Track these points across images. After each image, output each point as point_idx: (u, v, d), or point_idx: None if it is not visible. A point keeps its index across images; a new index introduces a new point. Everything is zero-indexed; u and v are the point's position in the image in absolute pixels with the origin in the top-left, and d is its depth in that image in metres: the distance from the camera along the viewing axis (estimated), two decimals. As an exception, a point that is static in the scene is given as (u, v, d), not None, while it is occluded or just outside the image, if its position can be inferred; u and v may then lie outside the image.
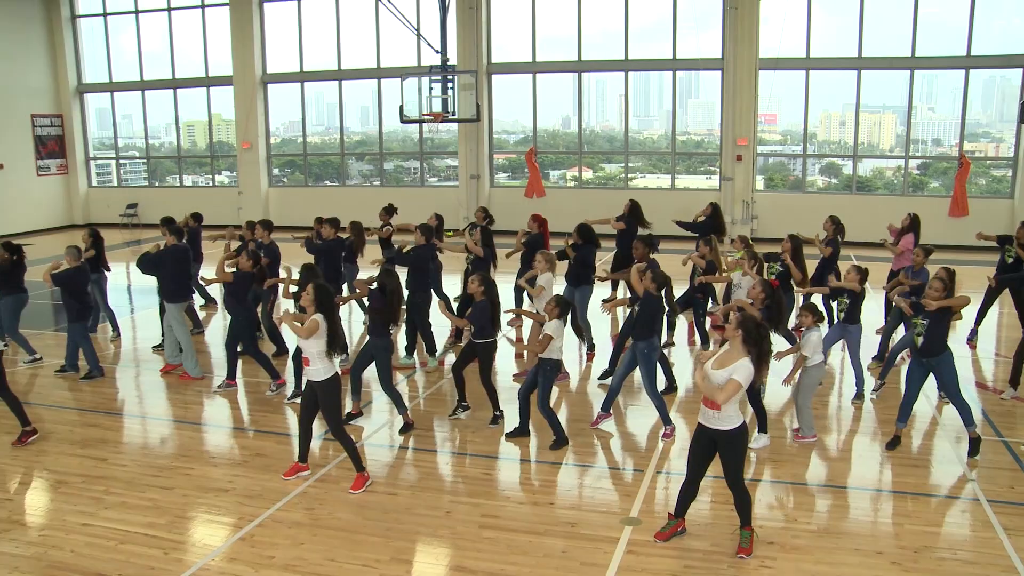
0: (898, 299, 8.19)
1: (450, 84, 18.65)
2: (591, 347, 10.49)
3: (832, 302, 9.79)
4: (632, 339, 7.87)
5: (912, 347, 9.19)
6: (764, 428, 7.54)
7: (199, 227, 12.66)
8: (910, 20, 18.55)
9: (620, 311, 11.74)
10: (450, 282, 12.17)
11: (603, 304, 8.42)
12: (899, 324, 9.87)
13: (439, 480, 7.07)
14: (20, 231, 21.31)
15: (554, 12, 21.07)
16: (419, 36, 20.25)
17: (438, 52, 19.05)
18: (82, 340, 9.65)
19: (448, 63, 19.03)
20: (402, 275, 8.45)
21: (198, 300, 12.70)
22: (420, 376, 9.90)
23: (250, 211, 20.62)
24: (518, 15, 21.20)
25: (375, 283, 8.04)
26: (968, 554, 5.67)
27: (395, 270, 8.17)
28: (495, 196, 21.79)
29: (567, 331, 7.84)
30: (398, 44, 21.70)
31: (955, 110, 19.25)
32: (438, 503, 6.54)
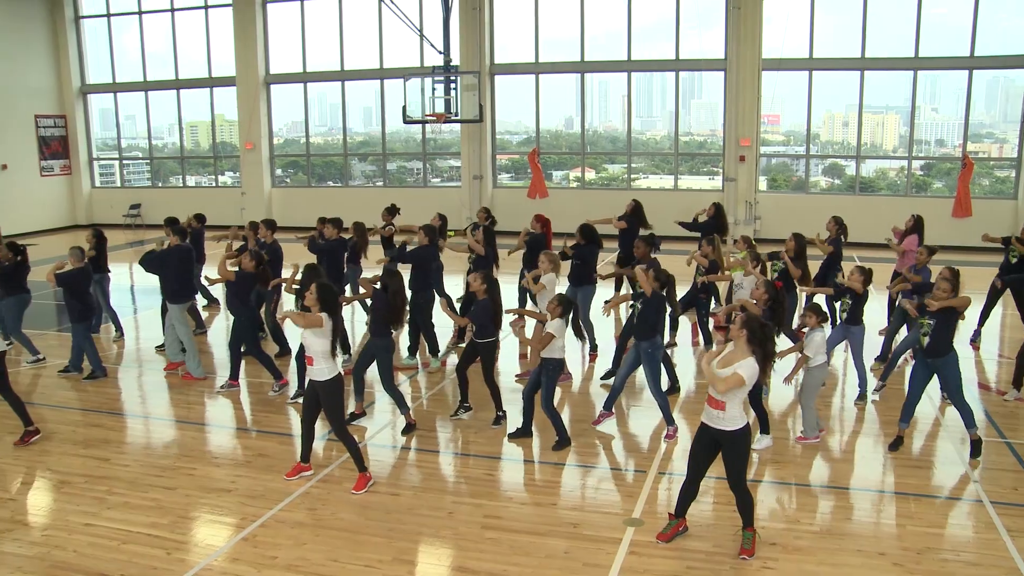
0: (905, 302, 8.17)
1: (453, 85, 18.63)
2: (594, 347, 10.49)
3: (835, 303, 9.78)
4: (635, 338, 7.87)
5: (916, 347, 9.23)
6: (766, 429, 7.54)
7: (202, 228, 12.70)
8: (913, 20, 18.52)
9: (623, 308, 11.73)
10: (452, 282, 12.17)
11: (605, 305, 8.42)
12: (902, 325, 9.86)
13: (442, 481, 7.07)
14: (23, 231, 21.33)
15: (557, 13, 21.08)
16: (422, 37, 20.25)
17: (441, 53, 19.03)
18: (83, 341, 9.66)
19: (451, 64, 19.01)
20: (404, 275, 8.44)
21: (201, 300, 12.73)
22: (422, 377, 9.90)
23: (253, 212, 20.62)
24: (521, 16, 21.21)
25: (378, 282, 8.04)
26: (971, 555, 5.66)
27: (398, 270, 8.17)
28: (498, 197, 21.79)
29: (568, 332, 7.83)
30: (401, 45, 21.75)
31: (959, 111, 19.22)
32: (440, 503, 6.54)
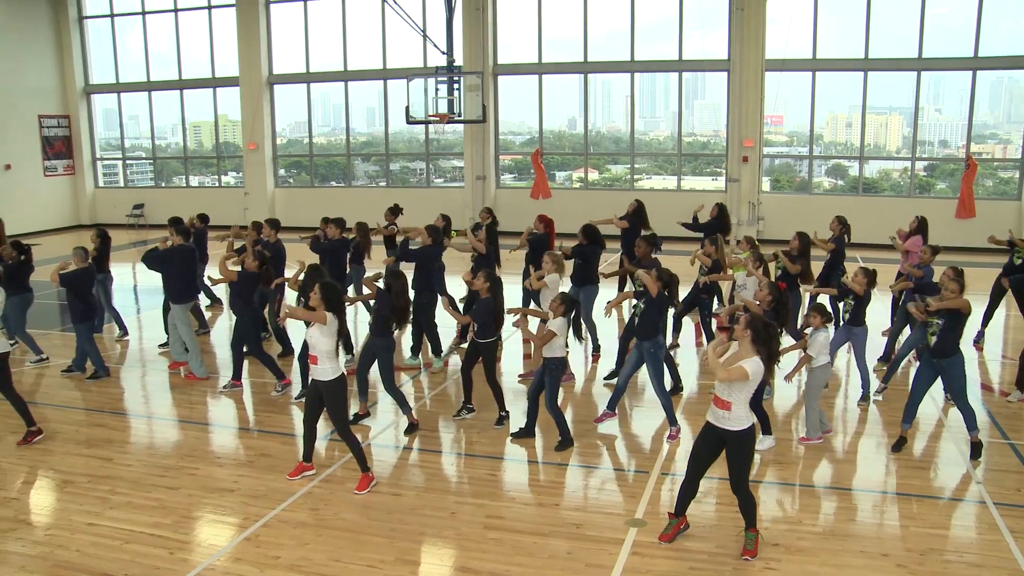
0: (911, 306, 8.14)
1: (456, 85, 18.65)
2: (596, 348, 10.48)
3: (839, 303, 9.77)
4: (637, 338, 7.87)
5: (920, 348, 9.21)
6: (768, 430, 7.52)
7: (205, 228, 12.72)
8: (917, 21, 18.51)
9: (625, 306, 11.71)
10: (455, 283, 12.16)
11: (607, 305, 8.40)
12: (905, 325, 9.84)
13: (444, 481, 7.08)
14: (27, 231, 21.34)
15: (560, 13, 21.09)
16: (425, 37, 20.27)
17: (444, 53, 19.05)
18: (85, 342, 9.66)
19: (454, 64, 19.04)
20: (407, 274, 8.44)
21: (204, 300, 12.74)
22: (425, 377, 9.91)
23: (256, 212, 20.61)
24: (524, 16, 21.21)
25: (379, 280, 8.03)
26: (974, 557, 5.65)
27: (402, 272, 8.17)
28: (501, 197, 21.79)
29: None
30: (404, 45, 21.76)
31: (962, 111, 19.20)
32: (443, 504, 6.54)
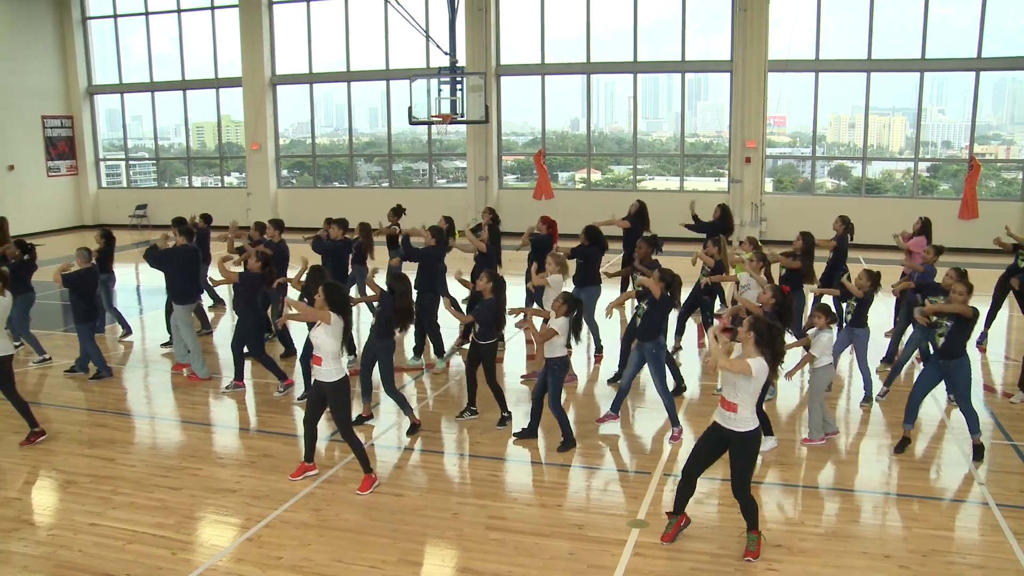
0: (916, 311, 8.12)
1: (459, 86, 18.64)
2: (599, 348, 10.48)
3: (842, 303, 9.76)
4: (638, 339, 7.86)
5: (923, 350, 9.20)
6: (768, 431, 7.51)
7: (208, 228, 12.73)
8: (920, 22, 18.46)
9: (628, 305, 11.70)
10: (454, 283, 12.14)
11: (608, 306, 8.39)
12: (907, 326, 9.82)
13: (446, 481, 7.08)
14: (30, 231, 21.33)
15: (563, 14, 21.08)
16: (428, 38, 20.27)
17: (447, 54, 19.04)
18: (87, 342, 9.67)
19: (457, 65, 19.03)
20: (409, 274, 8.44)
21: (207, 301, 12.75)
22: (427, 378, 9.91)
23: (259, 212, 20.66)
24: (527, 17, 21.21)
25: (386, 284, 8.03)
26: (977, 558, 5.64)
27: (405, 274, 8.16)
28: (504, 198, 21.79)
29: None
30: (407, 46, 21.76)
31: (965, 112, 19.15)
32: (445, 504, 6.54)
